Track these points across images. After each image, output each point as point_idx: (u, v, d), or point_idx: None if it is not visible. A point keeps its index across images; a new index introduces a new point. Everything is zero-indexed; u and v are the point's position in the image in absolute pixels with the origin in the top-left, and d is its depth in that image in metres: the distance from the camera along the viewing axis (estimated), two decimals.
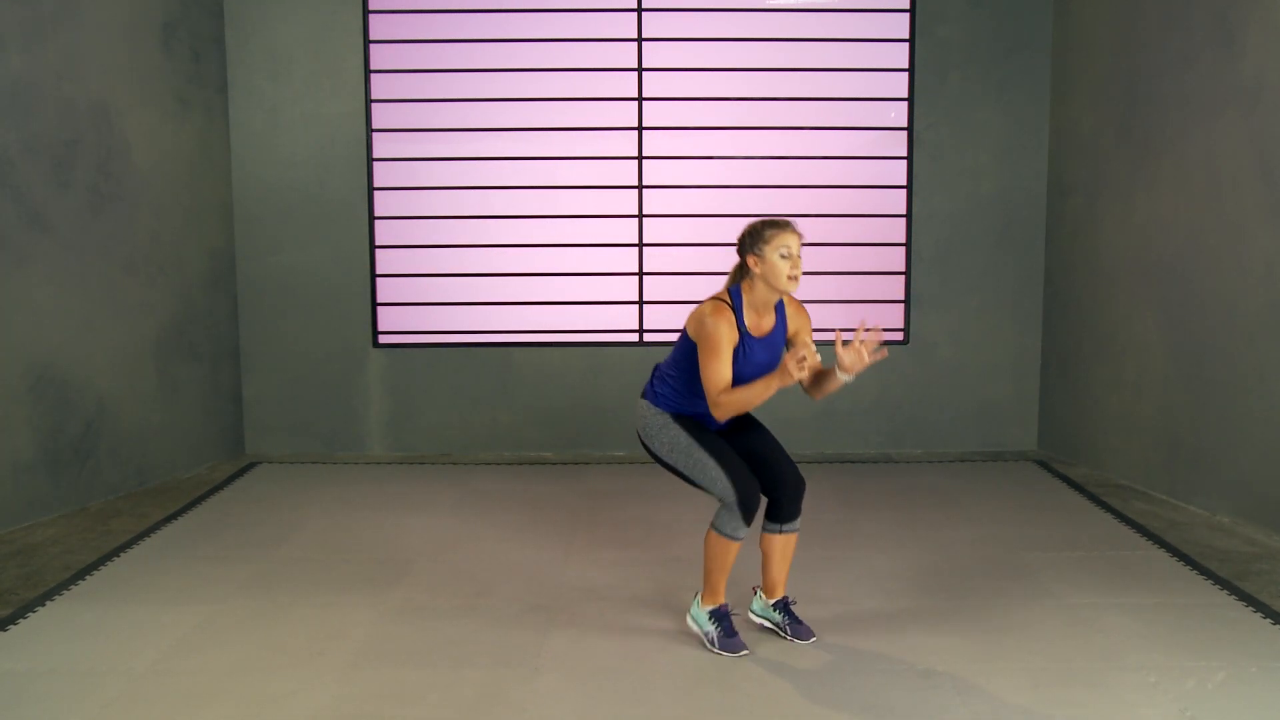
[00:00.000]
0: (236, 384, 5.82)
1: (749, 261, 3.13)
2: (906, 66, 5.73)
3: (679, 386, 3.23)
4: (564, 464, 5.66)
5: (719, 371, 3.05)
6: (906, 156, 5.78)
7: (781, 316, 3.23)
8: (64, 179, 4.65)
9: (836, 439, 5.92)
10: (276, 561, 4.08)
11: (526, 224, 5.80)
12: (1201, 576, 3.84)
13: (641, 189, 5.78)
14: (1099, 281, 5.36)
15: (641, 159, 5.77)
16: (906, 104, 5.75)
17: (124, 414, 5.02)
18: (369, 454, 5.89)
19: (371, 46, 5.69)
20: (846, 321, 5.79)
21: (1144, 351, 5.04)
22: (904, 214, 5.81)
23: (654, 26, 5.71)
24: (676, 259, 5.79)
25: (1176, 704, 2.89)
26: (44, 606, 3.59)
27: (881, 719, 2.82)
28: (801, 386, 3.22)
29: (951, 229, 5.83)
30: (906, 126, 5.76)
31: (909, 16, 5.70)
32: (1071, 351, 5.64)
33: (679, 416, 3.25)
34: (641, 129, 5.76)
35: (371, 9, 5.67)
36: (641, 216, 5.80)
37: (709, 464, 3.15)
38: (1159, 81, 4.88)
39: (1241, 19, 4.37)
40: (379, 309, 5.83)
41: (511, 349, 5.85)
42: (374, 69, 5.70)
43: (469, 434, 5.89)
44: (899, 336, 5.88)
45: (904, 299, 5.86)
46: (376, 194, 5.77)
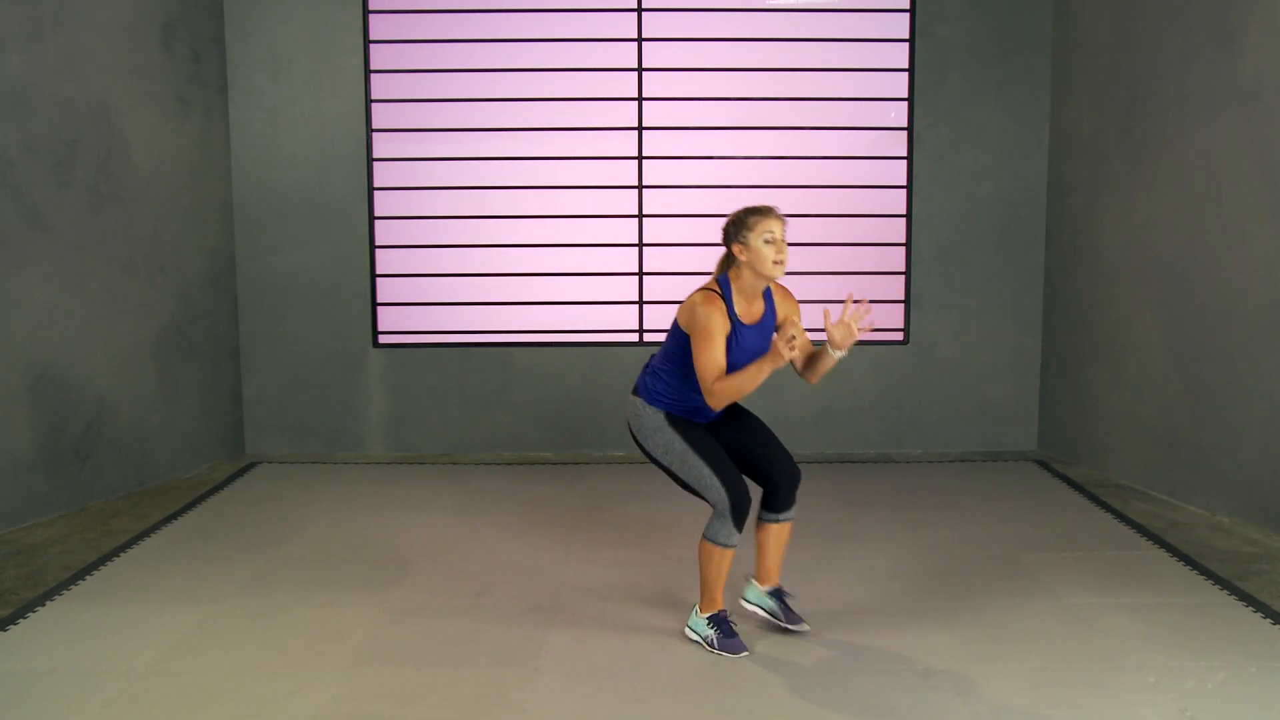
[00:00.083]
0: (236, 384, 5.82)
1: (734, 250, 3.16)
2: (906, 66, 5.73)
3: (672, 380, 3.24)
4: (564, 464, 5.66)
5: (713, 359, 3.07)
6: (906, 156, 5.78)
7: (770, 303, 3.25)
8: (64, 179, 4.65)
9: (836, 439, 5.92)
10: (276, 561, 4.08)
11: (526, 224, 5.80)
12: (1201, 576, 3.84)
13: (641, 189, 5.78)
14: (1099, 281, 5.36)
15: (641, 159, 5.77)
16: (906, 104, 5.75)
17: (124, 414, 5.02)
18: (369, 454, 5.89)
19: (371, 46, 5.69)
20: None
21: (1144, 351, 5.04)
22: (904, 214, 5.81)
23: (654, 26, 5.71)
24: (676, 259, 5.79)
25: (1176, 704, 2.89)
26: (44, 606, 3.59)
27: (881, 719, 2.82)
28: (795, 370, 3.25)
29: (951, 229, 5.83)
30: (906, 126, 5.76)
31: (909, 16, 5.70)
32: (1071, 351, 5.63)
33: (673, 417, 3.25)
34: (641, 129, 5.76)
35: (371, 9, 5.67)
36: (641, 216, 5.80)
37: (703, 470, 3.16)
38: (1159, 81, 4.88)
39: (1241, 19, 4.37)
40: (379, 309, 5.83)
41: (511, 349, 5.85)
42: (374, 69, 5.70)
43: (469, 434, 5.89)
44: (899, 336, 5.88)
45: (904, 299, 5.86)
46: (376, 194, 5.77)
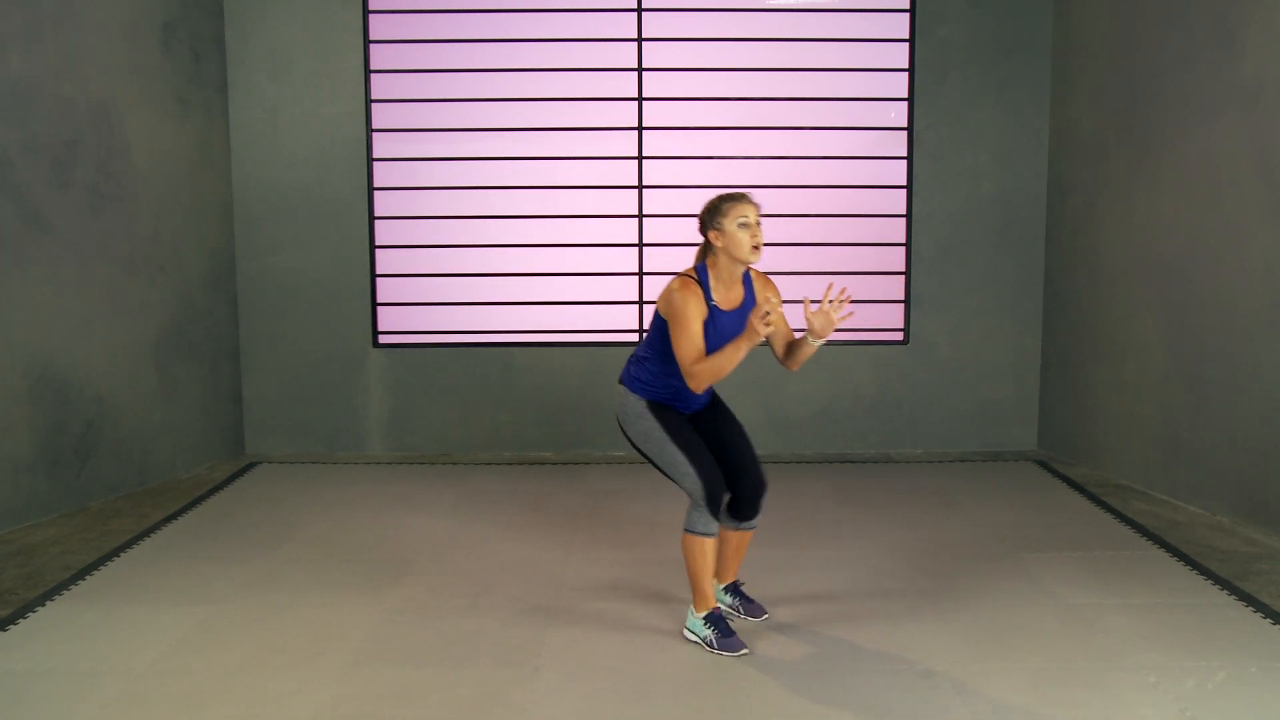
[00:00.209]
0: (236, 384, 5.82)
1: (710, 236, 3.22)
2: (906, 66, 5.73)
3: (654, 367, 3.31)
4: (564, 464, 5.66)
5: (690, 343, 3.14)
6: (906, 156, 5.78)
7: (750, 290, 3.31)
8: (64, 179, 4.65)
9: (836, 439, 5.92)
10: (276, 561, 4.08)
11: (526, 224, 5.80)
12: (1201, 576, 3.84)
13: (641, 189, 5.78)
14: (1099, 281, 5.36)
15: (641, 159, 5.77)
16: (906, 104, 5.75)
17: (124, 414, 5.02)
18: (369, 454, 5.89)
19: (371, 46, 5.69)
20: (848, 322, 5.78)
21: (1144, 351, 5.04)
22: (904, 214, 5.81)
23: (654, 26, 5.71)
24: (676, 259, 5.78)
25: (1176, 704, 2.89)
26: (44, 606, 3.59)
27: (881, 719, 2.82)
28: (776, 357, 3.33)
29: (951, 229, 5.82)
30: (906, 126, 5.76)
31: (909, 16, 5.70)
32: (1071, 351, 5.63)
33: (654, 405, 3.32)
34: (641, 129, 5.76)
35: (371, 9, 5.67)
36: (641, 216, 5.80)
37: (679, 458, 3.24)
38: (1159, 81, 4.88)
39: (1241, 19, 4.37)
40: (379, 309, 5.83)
41: (511, 349, 5.85)
42: (374, 69, 5.70)
43: (469, 434, 5.89)
44: (899, 336, 5.88)
45: (904, 299, 5.86)
46: (376, 194, 5.77)
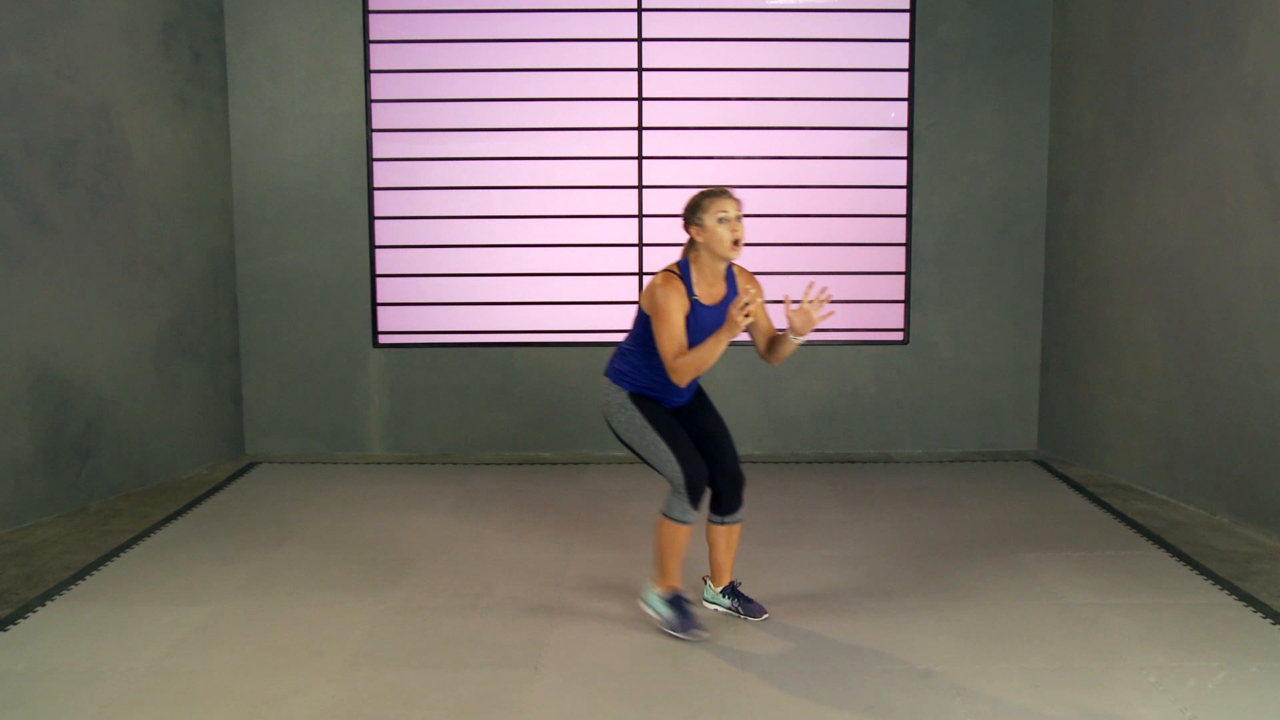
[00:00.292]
0: (236, 384, 5.82)
1: (692, 232, 3.27)
2: (906, 66, 5.73)
3: (637, 360, 3.36)
4: (564, 464, 5.66)
5: (672, 337, 3.19)
6: (906, 156, 5.78)
7: (733, 285, 3.35)
8: (64, 179, 4.65)
9: (836, 439, 5.92)
10: (276, 561, 4.08)
11: (526, 224, 5.80)
12: (1201, 576, 3.84)
13: (641, 189, 5.78)
14: (1099, 281, 5.36)
15: (641, 159, 5.77)
16: (906, 104, 5.75)
17: (124, 414, 5.02)
18: (369, 454, 5.89)
19: (371, 46, 5.69)
20: (848, 322, 5.81)
21: (1144, 351, 5.04)
22: (904, 214, 5.81)
23: (654, 26, 5.71)
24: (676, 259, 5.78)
25: (1176, 704, 2.89)
26: (44, 606, 3.59)
27: (881, 719, 2.82)
28: (758, 352, 3.38)
29: (951, 229, 5.82)
30: (906, 126, 5.76)
31: (909, 16, 5.70)
32: (1071, 351, 5.63)
33: (637, 396, 3.36)
34: (641, 129, 5.76)
35: (371, 9, 5.67)
36: (641, 216, 5.80)
37: (661, 446, 3.29)
38: (1159, 81, 4.88)
39: (1241, 19, 4.37)
40: (379, 309, 5.83)
41: (511, 349, 5.85)
42: (374, 69, 5.70)
43: (469, 434, 5.89)
44: (899, 336, 5.88)
45: (904, 299, 5.86)
46: (376, 194, 5.77)
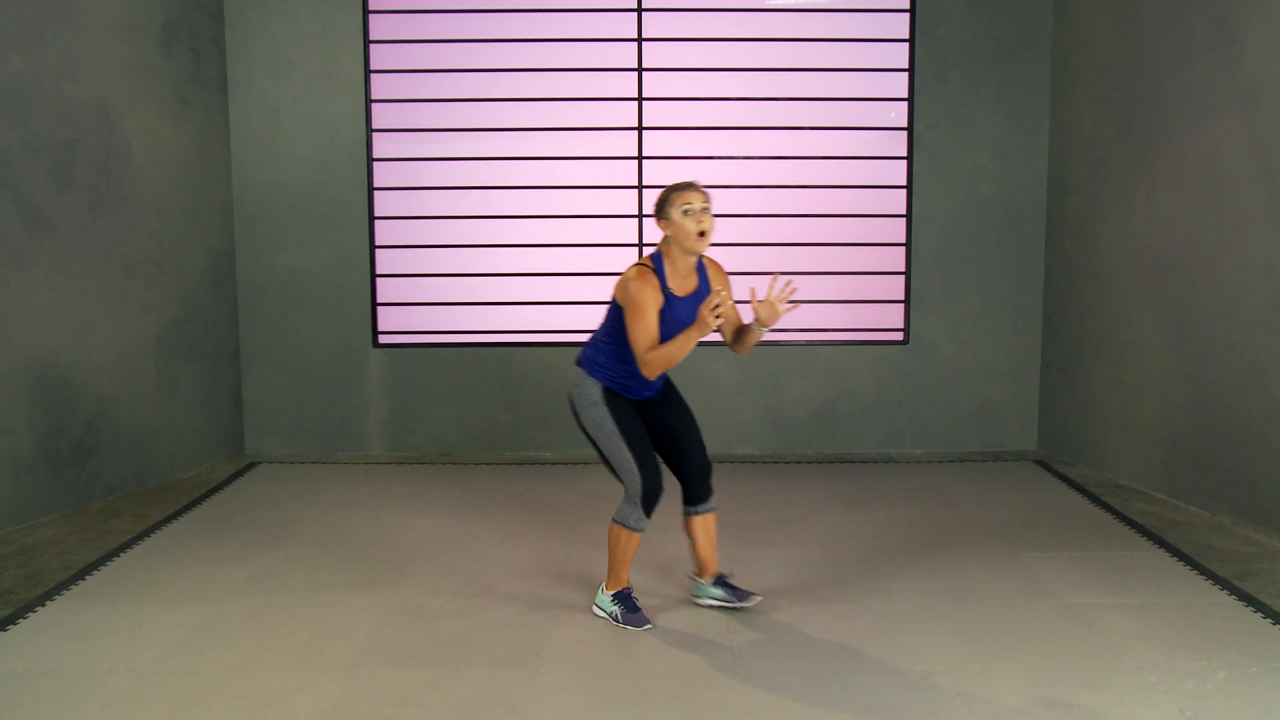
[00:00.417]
0: (236, 384, 5.82)
1: (661, 226, 3.31)
2: (906, 66, 5.73)
3: (610, 352, 3.39)
4: (564, 464, 5.66)
5: (645, 331, 3.23)
6: (906, 156, 5.78)
7: (704, 277, 3.39)
8: (64, 179, 4.65)
9: (836, 439, 5.92)
10: (276, 561, 4.08)
11: (526, 224, 5.80)
12: (1201, 576, 3.84)
13: (641, 189, 5.78)
14: (1099, 281, 5.36)
15: (641, 159, 5.77)
16: (906, 104, 5.75)
17: (124, 414, 5.02)
18: (369, 454, 5.89)
19: (371, 46, 5.69)
20: (848, 322, 5.82)
21: (1144, 351, 5.04)
22: (904, 214, 5.81)
23: (654, 26, 5.70)
24: None
25: (1176, 704, 2.89)
26: (44, 606, 3.59)
27: (881, 719, 2.82)
28: (725, 341, 3.43)
29: (951, 229, 5.82)
30: (906, 126, 5.76)
31: (909, 16, 5.70)
32: (1071, 351, 5.63)
33: (610, 393, 3.38)
34: (641, 129, 5.76)
35: (371, 9, 5.67)
36: (641, 216, 5.79)
37: (625, 454, 3.32)
38: (1159, 81, 4.88)
39: (1241, 19, 4.37)
40: (379, 309, 5.83)
41: (511, 349, 5.85)
42: (374, 69, 5.70)
43: (469, 434, 5.89)
44: (899, 336, 5.88)
45: (904, 299, 5.86)
46: (376, 194, 5.77)
